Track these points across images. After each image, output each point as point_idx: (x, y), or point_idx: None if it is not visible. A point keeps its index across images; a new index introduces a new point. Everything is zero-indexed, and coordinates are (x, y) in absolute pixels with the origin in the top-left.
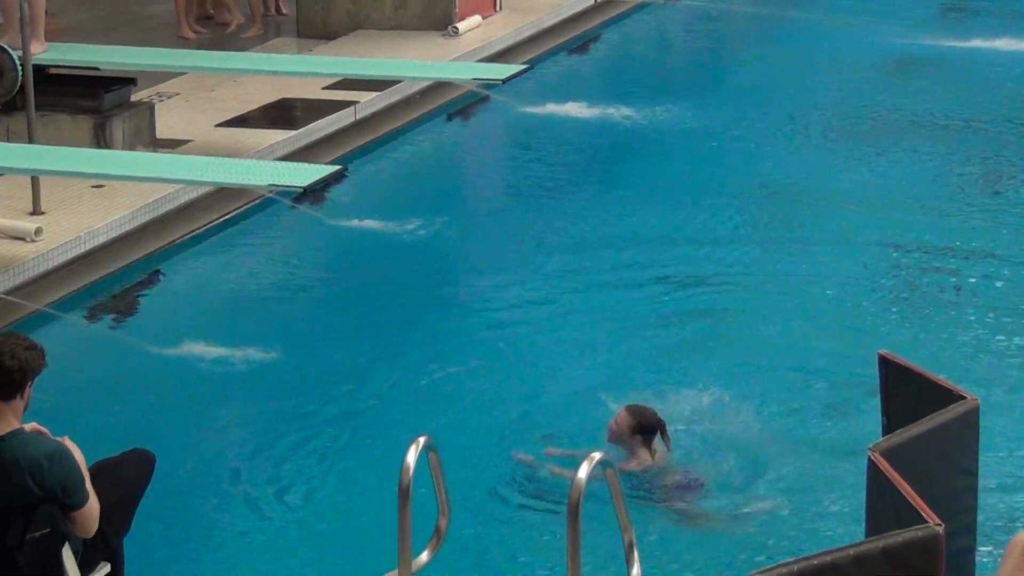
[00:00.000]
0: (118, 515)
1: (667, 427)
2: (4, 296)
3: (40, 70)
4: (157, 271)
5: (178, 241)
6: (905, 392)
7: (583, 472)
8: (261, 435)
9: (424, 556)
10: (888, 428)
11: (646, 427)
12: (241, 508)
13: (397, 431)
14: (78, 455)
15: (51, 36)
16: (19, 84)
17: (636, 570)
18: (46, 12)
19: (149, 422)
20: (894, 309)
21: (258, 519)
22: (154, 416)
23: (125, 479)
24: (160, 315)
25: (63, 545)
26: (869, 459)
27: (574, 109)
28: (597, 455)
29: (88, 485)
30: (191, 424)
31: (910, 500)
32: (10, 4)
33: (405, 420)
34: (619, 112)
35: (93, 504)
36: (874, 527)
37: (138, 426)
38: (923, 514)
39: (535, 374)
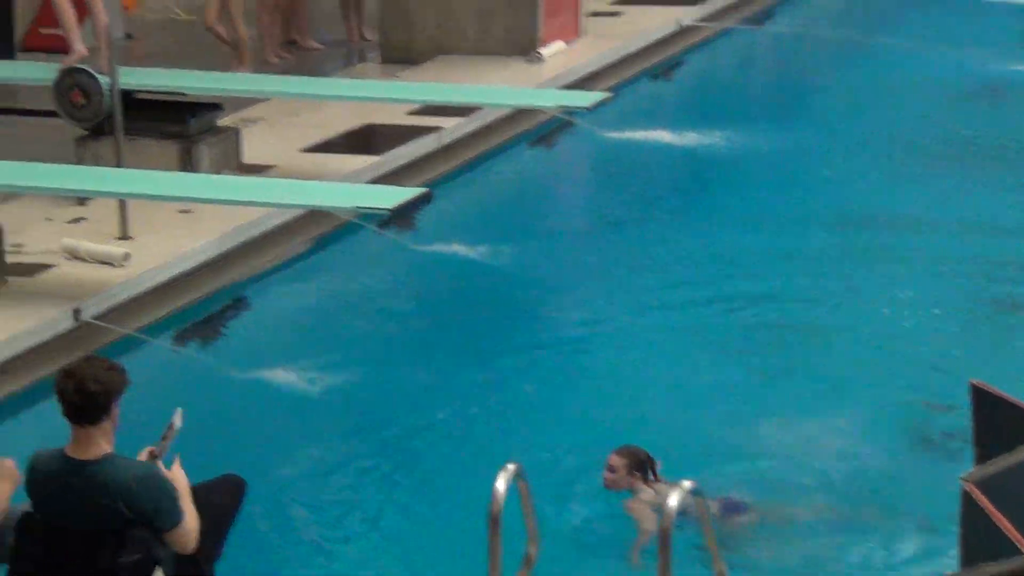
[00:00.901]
0: (209, 541)
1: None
2: (93, 321)
3: (128, 95)
4: (243, 296)
5: (264, 266)
6: (998, 422)
7: (673, 501)
8: (346, 460)
9: None
10: (980, 458)
11: (641, 463)
12: (328, 533)
13: (482, 457)
14: (180, 478)
15: (136, 61)
16: (107, 109)
17: None
18: (129, 36)
19: (235, 447)
20: (984, 337)
21: (344, 545)
22: (240, 441)
23: (216, 505)
24: (246, 340)
25: (155, 571)
26: (962, 489)
27: (657, 135)
28: (687, 483)
29: (185, 503)
30: (276, 449)
31: (1005, 531)
32: (101, 30)
33: (491, 446)
34: (702, 138)
35: (190, 522)
36: (968, 558)
37: (224, 451)
38: (1020, 546)
39: (619, 400)
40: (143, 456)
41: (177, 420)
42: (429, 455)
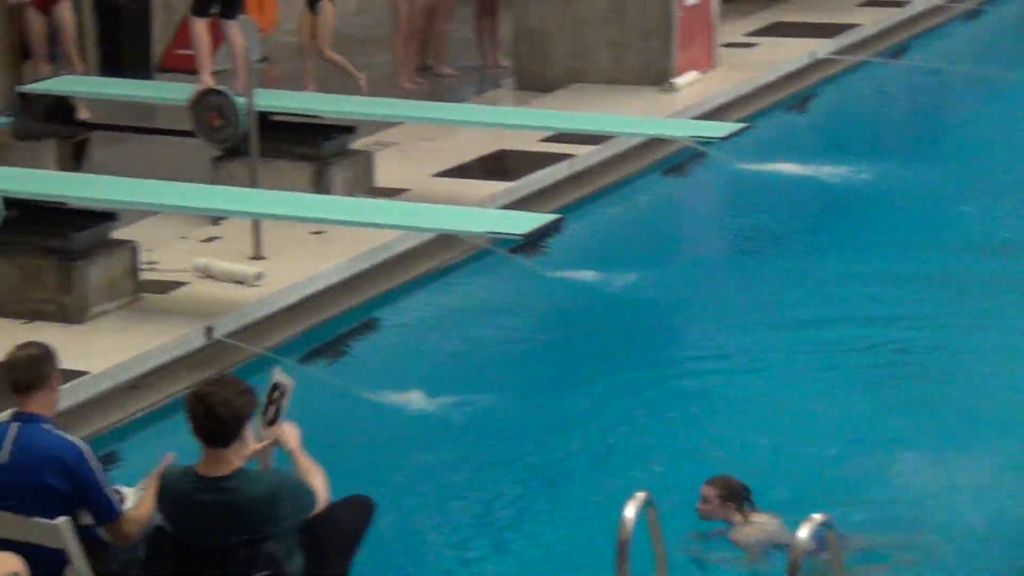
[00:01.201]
0: (337, 559)
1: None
2: (225, 339)
3: (263, 117)
4: (373, 318)
5: (394, 288)
6: None
7: (804, 533)
8: (472, 484)
9: None
10: None
11: (735, 492)
12: (455, 557)
13: (611, 483)
14: (292, 435)
15: (271, 83)
16: (243, 130)
17: None
18: (265, 59)
19: (363, 467)
20: None
21: (472, 569)
22: (367, 461)
23: (344, 524)
24: (374, 361)
25: None
26: None
27: (790, 167)
28: (818, 517)
29: (316, 485)
30: (401, 470)
31: None
32: (238, 53)
33: (620, 472)
34: (834, 170)
35: (320, 491)
36: None
37: (350, 471)
38: None
39: (748, 427)
40: (262, 438)
41: (280, 378)
42: (556, 481)
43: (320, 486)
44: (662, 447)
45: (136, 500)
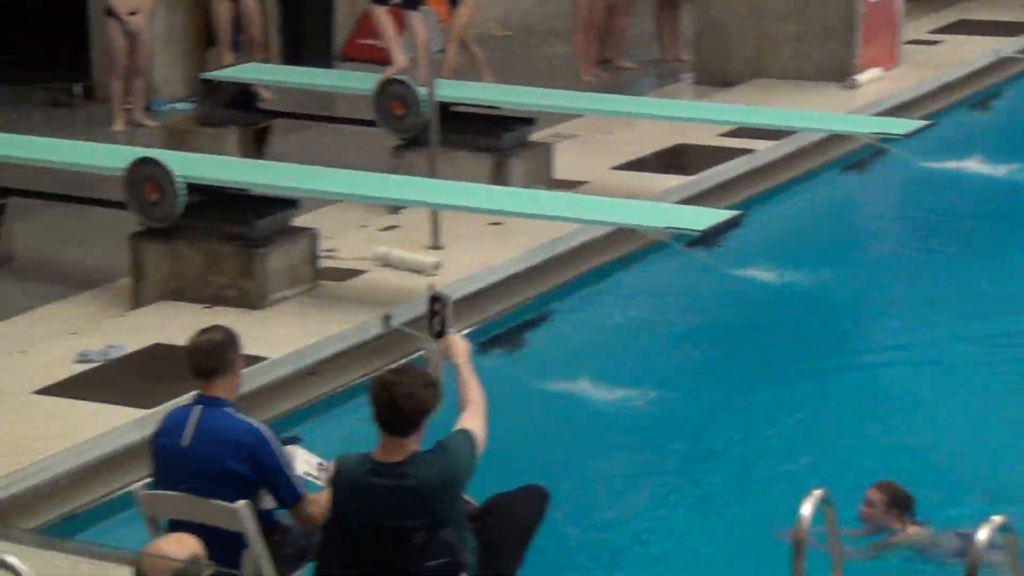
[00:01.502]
0: (511, 550)
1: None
2: (403, 327)
3: (444, 107)
4: (548, 309)
5: (570, 280)
6: None
7: (983, 535)
8: (644, 477)
9: None
10: None
11: (900, 501)
12: (626, 548)
13: (783, 478)
14: (461, 346)
15: (452, 74)
16: (424, 120)
17: None
18: (441, 51)
19: (534, 457)
20: None
21: (641, 562)
22: (539, 451)
23: (519, 515)
24: (549, 353)
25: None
26: None
27: (972, 166)
28: (997, 519)
29: (475, 428)
30: (574, 460)
31: None
32: (420, 44)
33: (785, 470)
34: (1016, 170)
35: (479, 438)
36: None
37: (524, 460)
38: None
39: (912, 429)
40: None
41: (439, 290)
42: (723, 476)
43: (479, 424)
44: (826, 445)
45: (304, 462)
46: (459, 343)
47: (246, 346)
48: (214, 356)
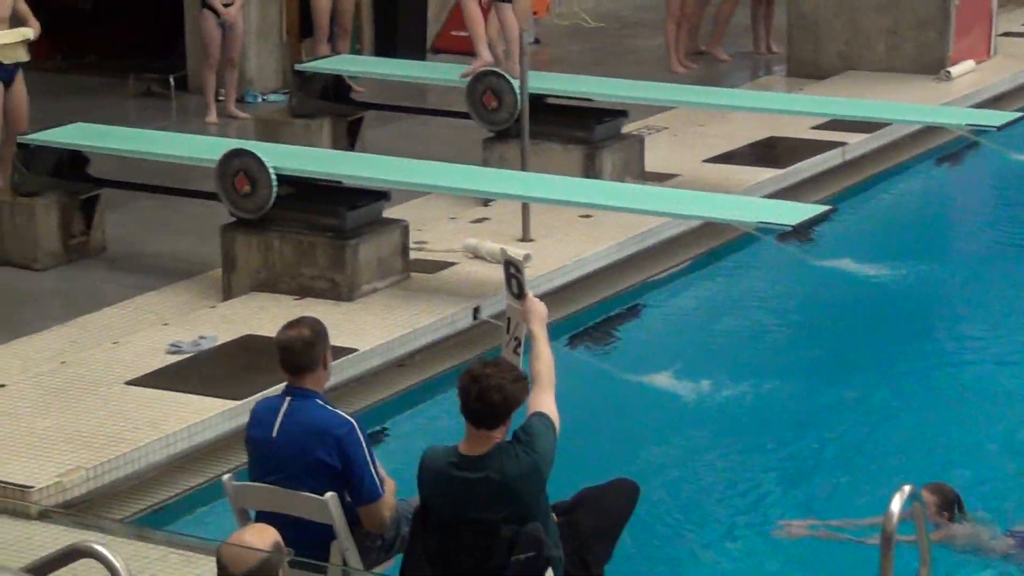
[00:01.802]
0: (600, 544)
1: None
2: (492, 320)
3: (536, 99)
4: (638, 302)
5: (660, 274)
6: None
7: (895, 506)
8: (730, 470)
9: None
10: None
11: (950, 503)
12: (714, 541)
13: (873, 472)
14: (539, 308)
15: (542, 66)
16: (517, 112)
17: None
18: (537, 41)
19: (623, 450)
20: None
21: (731, 554)
22: (627, 444)
23: (609, 508)
24: (638, 346)
25: (547, 570)
26: None
27: None
28: (907, 488)
29: (549, 406)
30: (661, 454)
31: None
32: (512, 35)
33: (881, 461)
34: None
35: (552, 415)
36: None
37: (613, 453)
38: None
39: (1005, 424)
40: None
41: (512, 255)
42: (815, 471)
43: (553, 403)
44: (916, 439)
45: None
46: (536, 307)
47: (336, 338)
48: (303, 353)
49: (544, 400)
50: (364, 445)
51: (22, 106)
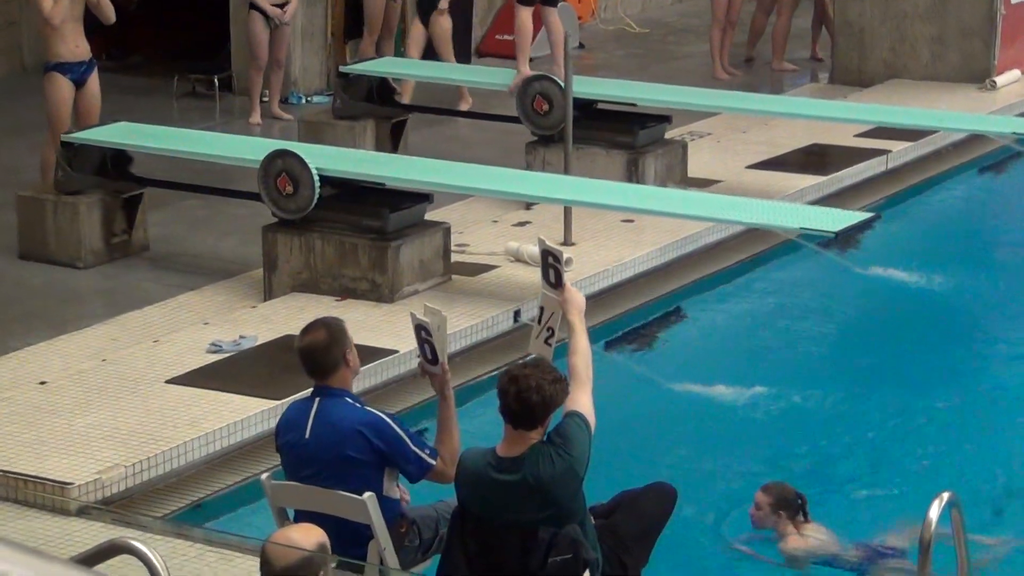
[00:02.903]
0: (638, 548)
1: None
2: (533, 323)
3: (586, 105)
4: (679, 308)
5: (702, 279)
6: None
7: (934, 512)
8: (769, 475)
9: None
10: None
11: (786, 502)
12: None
13: (913, 481)
14: (577, 297)
15: (587, 71)
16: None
17: None
18: (582, 46)
19: (661, 455)
20: None
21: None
22: (664, 449)
23: (646, 512)
24: (678, 352)
25: (584, 573)
26: None
27: None
28: (946, 495)
29: (583, 402)
30: (698, 460)
31: None
32: (557, 40)
33: (921, 469)
34: None
35: (587, 412)
36: None
37: (650, 459)
38: None
39: None
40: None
41: (549, 245)
42: (852, 478)
43: (589, 401)
44: (965, 450)
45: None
46: (575, 297)
47: (377, 339)
48: (323, 356)
49: (579, 398)
50: (397, 429)
51: (93, 107)
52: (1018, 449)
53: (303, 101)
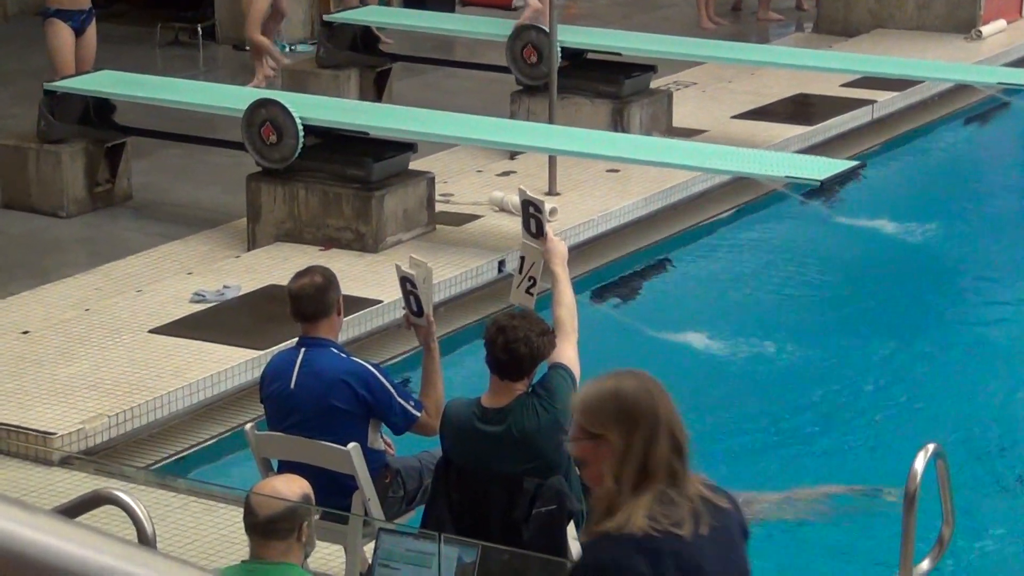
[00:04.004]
0: None
1: None
2: (516, 274)
3: (573, 54)
4: (664, 258)
5: (687, 230)
6: None
7: (919, 463)
8: (756, 430)
9: (925, 564)
10: None
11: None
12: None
13: (899, 432)
14: (560, 247)
15: (571, 20)
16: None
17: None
18: None
19: None
20: None
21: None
22: None
23: None
24: (663, 302)
25: (568, 523)
26: None
27: None
28: (931, 446)
29: (569, 354)
30: (685, 413)
31: None
32: None
33: (907, 421)
34: None
35: (576, 368)
36: None
37: None
38: None
39: None
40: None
41: (531, 195)
42: (835, 430)
43: (574, 352)
44: (943, 399)
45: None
46: (558, 246)
47: (360, 289)
48: (317, 300)
49: (565, 350)
50: (384, 380)
51: (89, 56)
52: (1007, 400)
53: (287, 50)
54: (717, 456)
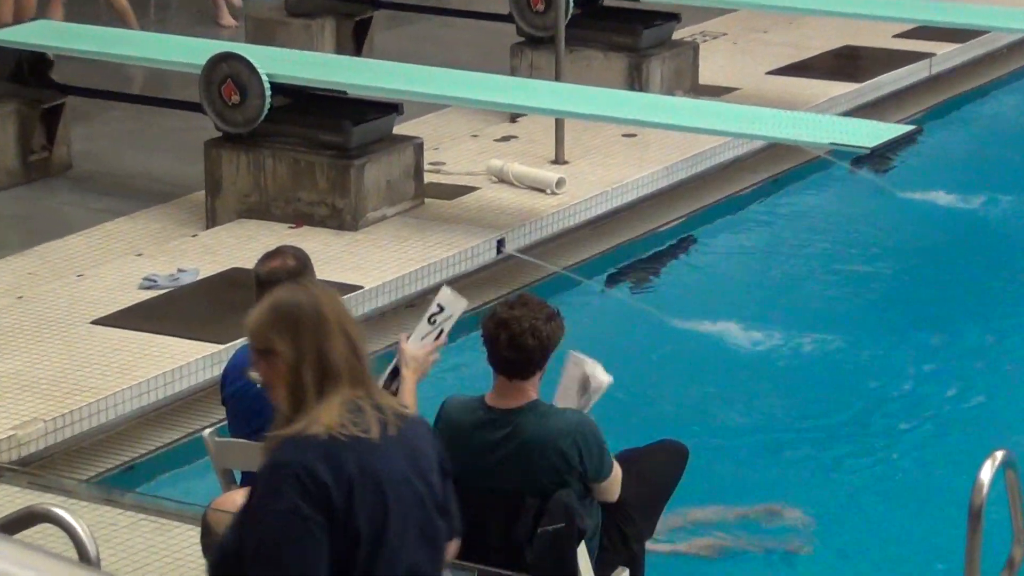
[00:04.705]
0: (642, 516)
1: None
2: (519, 255)
3: (585, 1)
4: (690, 235)
5: (716, 203)
6: None
7: (986, 473)
8: (797, 427)
9: None
10: None
11: None
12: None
13: (960, 437)
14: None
15: None
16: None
17: None
18: None
19: (672, 406)
20: None
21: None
22: (677, 400)
23: (653, 476)
24: (690, 286)
25: (578, 544)
26: None
27: None
28: (999, 454)
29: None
30: (717, 410)
31: None
32: None
33: (970, 424)
34: None
35: (616, 470)
36: None
37: (659, 410)
38: None
39: None
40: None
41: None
42: (881, 429)
43: (618, 471)
44: (1007, 395)
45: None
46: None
47: (337, 273)
48: None
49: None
50: None
51: (30, 2)
52: None
53: None
54: (742, 460)
